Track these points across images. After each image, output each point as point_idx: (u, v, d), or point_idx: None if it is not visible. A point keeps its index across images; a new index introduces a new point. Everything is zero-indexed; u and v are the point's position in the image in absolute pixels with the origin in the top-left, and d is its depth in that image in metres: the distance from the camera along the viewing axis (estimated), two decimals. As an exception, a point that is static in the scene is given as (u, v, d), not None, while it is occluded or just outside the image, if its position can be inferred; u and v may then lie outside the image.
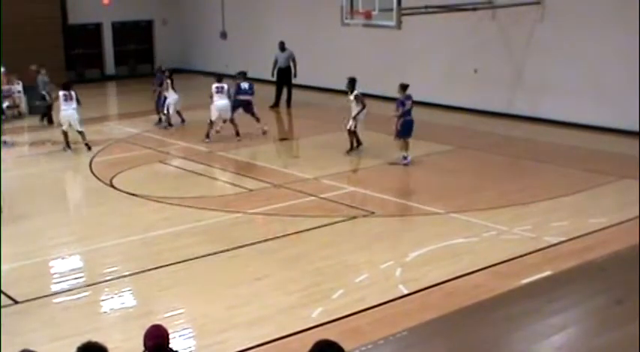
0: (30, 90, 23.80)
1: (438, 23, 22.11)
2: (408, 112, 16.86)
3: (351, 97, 17.87)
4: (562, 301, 10.21)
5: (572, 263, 11.36)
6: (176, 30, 32.83)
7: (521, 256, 11.67)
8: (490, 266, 11.27)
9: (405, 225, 13.53)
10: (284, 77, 24.68)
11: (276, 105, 24.68)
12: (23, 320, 9.85)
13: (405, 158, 16.95)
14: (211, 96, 20.22)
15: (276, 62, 24.66)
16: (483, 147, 18.00)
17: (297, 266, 11.51)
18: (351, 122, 17.97)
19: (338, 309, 9.91)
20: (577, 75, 20.42)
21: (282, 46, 24.70)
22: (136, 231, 13.26)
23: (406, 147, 16.97)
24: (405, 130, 16.88)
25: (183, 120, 22.21)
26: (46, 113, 22.91)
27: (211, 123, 20.23)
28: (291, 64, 24.63)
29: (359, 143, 18.37)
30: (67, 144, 18.98)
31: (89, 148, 18.96)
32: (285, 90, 24.87)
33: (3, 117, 23.23)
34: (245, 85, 20.58)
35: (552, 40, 20.85)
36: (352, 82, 18.04)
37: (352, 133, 18.14)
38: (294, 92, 25.04)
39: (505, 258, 11.56)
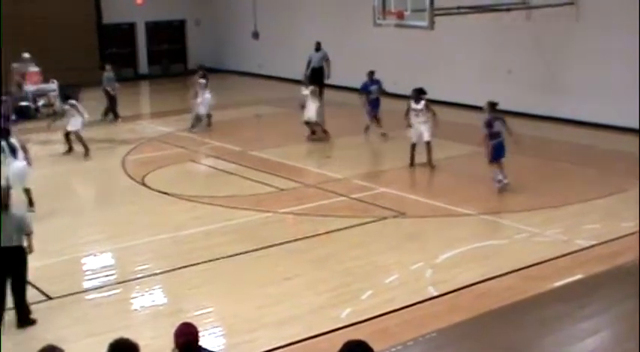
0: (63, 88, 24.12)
1: (470, 24, 21.98)
2: (498, 134, 15.13)
3: (420, 106, 16.99)
4: (593, 305, 10.11)
5: (603, 267, 11.25)
6: (209, 30, 33.01)
7: (552, 259, 11.58)
8: (521, 269, 11.20)
9: (436, 226, 13.48)
10: (317, 77, 24.66)
11: None
12: (56, 316, 9.97)
13: (499, 181, 15.20)
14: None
15: (310, 62, 24.66)
16: (514, 149, 17.84)
17: (326, 267, 11.53)
18: (427, 134, 16.96)
19: (367, 310, 9.90)
20: (613, 76, 20.18)
21: (317, 46, 24.73)
22: (167, 229, 13.35)
23: (501, 168, 15.25)
24: (497, 153, 15.16)
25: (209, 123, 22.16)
26: (111, 109, 23.18)
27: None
28: (325, 65, 24.64)
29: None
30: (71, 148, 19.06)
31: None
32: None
33: (37, 115, 23.59)
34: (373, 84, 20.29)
35: (587, 40, 20.64)
36: (419, 92, 17.06)
37: (429, 145, 17.08)
38: (326, 92, 25.02)
39: (536, 261, 11.47)
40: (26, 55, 24.45)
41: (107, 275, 11.49)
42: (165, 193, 15.48)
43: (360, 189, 15.53)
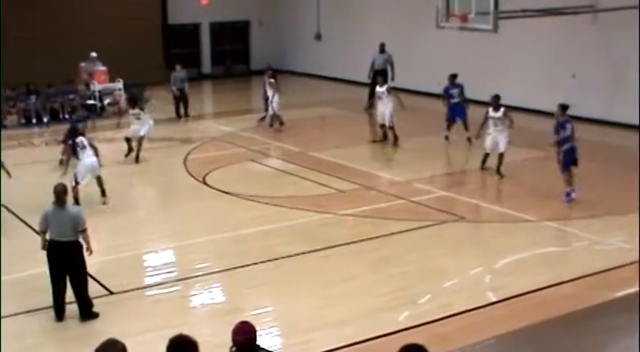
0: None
1: (535, 26, 21.70)
2: (568, 138, 14.36)
3: (499, 114, 16.27)
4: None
5: (669, 276, 10.98)
6: (272, 31, 33.18)
7: (615, 268, 11.34)
8: (582, 277, 11.00)
9: (496, 232, 13.34)
10: (381, 78, 24.43)
11: (370, 106, 24.50)
12: (117, 310, 10.15)
13: (568, 194, 14.51)
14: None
15: (373, 63, 24.53)
16: (579, 155, 17.54)
17: (385, 269, 11.49)
18: (503, 145, 16.29)
19: (425, 314, 9.86)
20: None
21: (381, 48, 24.50)
22: (226, 228, 13.48)
23: (571, 180, 14.54)
24: (569, 159, 14.41)
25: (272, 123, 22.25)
26: (180, 107, 23.63)
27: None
28: (389, 67, 24.40)
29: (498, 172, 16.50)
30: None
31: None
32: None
33: (103, 113, 24.04)
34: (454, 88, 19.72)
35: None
36: (497, 98, 16.35)
37: (502, 156, 16.40)
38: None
39: (598, 269, 11.25)
40: (93, 55, 24.93)
41: (167, 273, 11.65)
42: (225, 192, 15.62)
43: (421, 193, 15.45)
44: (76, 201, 13.87)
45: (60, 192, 9.77)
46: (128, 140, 18.46)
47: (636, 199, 14.47)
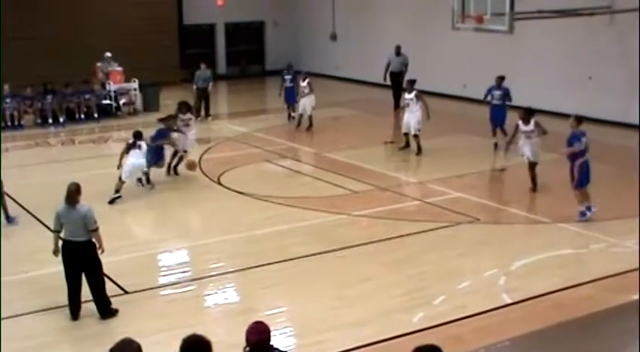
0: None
1: (551, 28, 21.60)
2: (583, 152, 13.43)
3: (530, 127, 15.33)
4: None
5: (686, 280, 10.89)
6: (287, 31, 33.21)
7: (632, 270, 11.25)
8: (598, 280, 10.93)
9: (511, 233, 13.28)
10: (395, 82, 24.36)
11: (397, 107, 24.14)
12: (132, 310, 10.17)
13: (583, 214, 13.52)
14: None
15: (388, 65, 24.42)
16: (595, 157, 17.42)
17: (399, 270, 11.47)
18: (531, 154, 15.42)
19: (439, 315, 9.82)
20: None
21: (397, 51, 24.36)
22: (241, 228, 13.49)
23: (587, 197, 13.60)
24: (584, 177, 13.45)
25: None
26: (202, 107, 23.65)
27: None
28: (404, 69, 24.29)
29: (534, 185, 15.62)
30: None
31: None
32: (392, 95, 24.53)
33: (119, 113, 24.13)
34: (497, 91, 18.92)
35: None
36: (529, 112, 15.58)
37: (533, 166, 15.64)
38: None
39: (615, 272, 11.18)
40: (108, 54, 25.03)
41: (182, 272, 11.67)
42: (240, 193, 15.64)
43: (435, 194, 15.41)
44: (116, 193, 14.93)
45: (71, 191, 9.77)
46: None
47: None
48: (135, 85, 24.72)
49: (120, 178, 14.99)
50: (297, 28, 33.22)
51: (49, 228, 11.09)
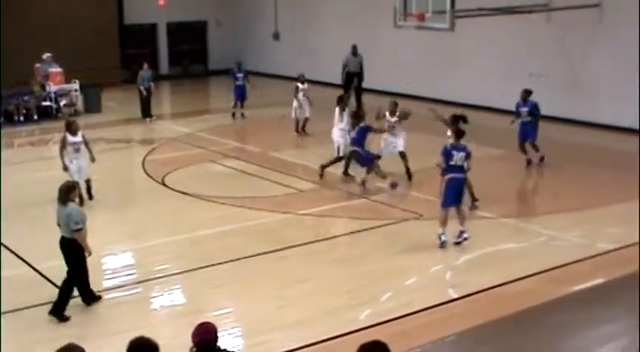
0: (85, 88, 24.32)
1: (491, 25, 21.89)
2: (456, 169, 12.29)
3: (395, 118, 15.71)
4: (614, 309, 10.04)
5: (624, 271, 11.16)
6: (229, 31, 33.07)
7: (573, 263, 11.51)
8: (541, 273, 11.13)
9: (455, 229, 13.44)
10: (354, 81, 24.14)
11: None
12: (76, 314, 10.01)
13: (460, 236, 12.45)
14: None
15: (345, 66, 24.18)
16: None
17: (345, 268, 11.51)
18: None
19: (386, 312, 9.89)
20: (636, 78, 19.97)
21: (354, 50, 23.96)
22: (186, 229, 13.40)
23: (445, 220, 12.42)
24: (451, 195, 12.37)
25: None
26: (143, 107, 23.40)
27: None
28: (360, 69, 23.96)
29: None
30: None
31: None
32: (353, 95, 24.14)
33: (60, 114, 23.74)
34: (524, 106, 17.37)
35: (611, 42, 20.48)
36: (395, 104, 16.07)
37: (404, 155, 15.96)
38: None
39: (556, 264, 11.40)
40: (48, 55, 24.59)
41: (127, 275, 11.55)
42: (184, 193, 15.53)
43: (381, 191, 15.50)
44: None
45: (60, 190, 10.11)
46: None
47: (592, 195, 14.79)
48: (76, 85, 24.37)
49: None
50: (239, 28, 33.10)
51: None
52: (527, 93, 17.42)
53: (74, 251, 10.05)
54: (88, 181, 15.03)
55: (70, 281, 10.09)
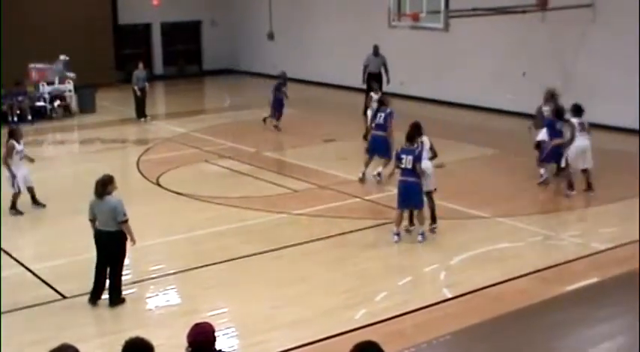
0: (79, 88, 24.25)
1: (486, 25, 21.91)
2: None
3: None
4: (609, 309, 10.05)
5: (619, 270, 11.18)
6: (224, 31, 33.05)
7: (567, 262, 11.53)
8: (536, 272, 11.15)
9: (450, 229, 13.43)
10: (375, 82, 23.87)
11: (367, 110, 23.46)
12: (71, 315, 10.01)
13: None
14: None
15: (366, 67, 23.83)
16: (531, 152, 17.79)
17: (340, 268, 11.51)
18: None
19: (381, 312, 9.89)
20: (630, 78, 20.03)
21: (375, 51, 23.29)
22: (181, 229, 13.38)
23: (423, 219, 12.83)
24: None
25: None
26: (137, 107, 23.36)
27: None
28: (383, 70, 23.71)
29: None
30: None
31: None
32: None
33: (54, 115, 23.69)
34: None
35: (604, 42, 20.52)
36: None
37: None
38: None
39: (551, 264, 11.42)
40: (64, 58, 24.50)
41: (122, 275, 11.49)
42: (179, 194, 15.51)
43: (375, 191, 15.51)
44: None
45: (97, 184, 10.35)
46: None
47: (586, 195, 14.81)
48: (70, 86, 24.33)
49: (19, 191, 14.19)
50: (234, 28, 33.09)
51: None
52: (551, 95, 16.69)
53: (121, 242, 10.20)
54: (32, 189, 14.49)
55: (113, 271, 10.21)
